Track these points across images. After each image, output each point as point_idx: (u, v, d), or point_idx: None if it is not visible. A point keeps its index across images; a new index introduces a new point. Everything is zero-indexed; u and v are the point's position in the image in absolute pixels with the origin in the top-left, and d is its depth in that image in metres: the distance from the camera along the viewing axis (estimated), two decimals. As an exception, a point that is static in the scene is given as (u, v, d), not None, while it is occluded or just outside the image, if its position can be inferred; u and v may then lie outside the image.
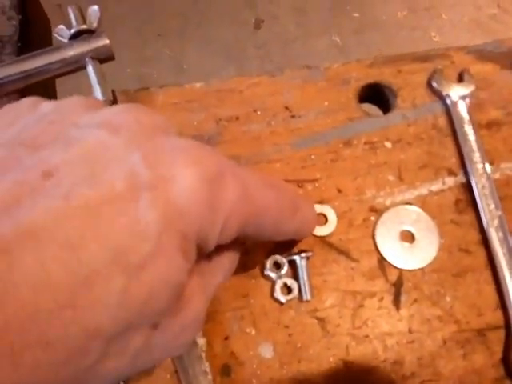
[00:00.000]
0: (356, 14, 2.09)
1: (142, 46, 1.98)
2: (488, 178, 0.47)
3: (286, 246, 0.44)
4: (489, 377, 0.43)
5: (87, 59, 0.48)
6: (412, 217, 0.47)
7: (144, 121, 0.28)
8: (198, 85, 0.51)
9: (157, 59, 1.97)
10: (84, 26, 0.49)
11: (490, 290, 0.45)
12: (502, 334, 0.43)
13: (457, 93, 0.51)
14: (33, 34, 0.60)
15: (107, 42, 0.48)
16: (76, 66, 0.49)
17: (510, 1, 2.08)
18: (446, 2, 2.09)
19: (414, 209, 0.47)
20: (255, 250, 0.45)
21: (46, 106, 0.31)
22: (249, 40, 2.01)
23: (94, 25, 0.49)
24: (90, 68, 0.48)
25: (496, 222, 0.46)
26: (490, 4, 2.09)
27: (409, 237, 0.46)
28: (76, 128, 0.28)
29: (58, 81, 0.56)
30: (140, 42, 1.99)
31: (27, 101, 0.32)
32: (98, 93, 0.47)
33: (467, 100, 0.50)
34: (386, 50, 1.97)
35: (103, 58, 0.49)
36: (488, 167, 0.48)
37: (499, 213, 0.46)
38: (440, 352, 0.43)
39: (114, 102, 0.48)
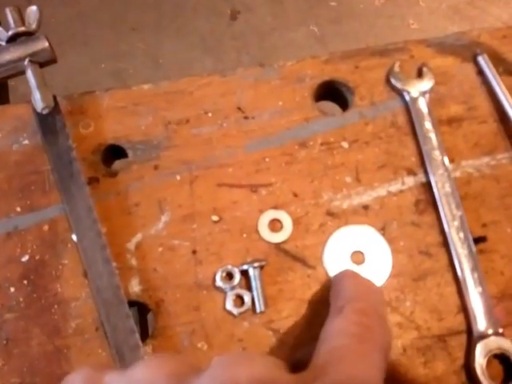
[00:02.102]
0: (333, 3, 2.06)
1: (116, 41, 1.94)
2: (448, 176, 0.46)
3: None
4: (450, 384, 0.41)
5: (26, 63, 0.46)
6: (364, 238, 0.45)
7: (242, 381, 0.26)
8: (145, 86, 0.48)
9: (132, 54, 1.93)
10: (22, 28, 0.46)
11: (451, 292, 0.43)
12: (463, 339, 0.42)
13: (416, 89, 0.49)
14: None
15: (46, 44, 0.46)
16: (15, 71, 0.46)
17: (488, -14, 2.06)
18: (424, -12, 2.07)
19: (367, 229, 0.45)
20: (207, 259, 0.43)
21: None
22: (225, 32, 1.98)
23: (33, 26, 0.47)
24: (29, 72, 0.45)
25: (457, 222, 0.44)
26: (467, -10, 2.08)
27: (360, 258, 0.44)
28: None
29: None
30: (114, 36, 1.95)
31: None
32: (37, 98, 0.45)
33: (427, 96, 0.48)
34: (364, 38, 1.95)
35: (43, 61, 0.46)
36: (449, 165, 0.46)
37: (460, 213, 0.45)
38: (400, 360, 0.41)
39: (56, 107, 0.46)
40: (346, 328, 0.33)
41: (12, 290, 0.43)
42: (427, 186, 0.46)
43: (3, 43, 0.46)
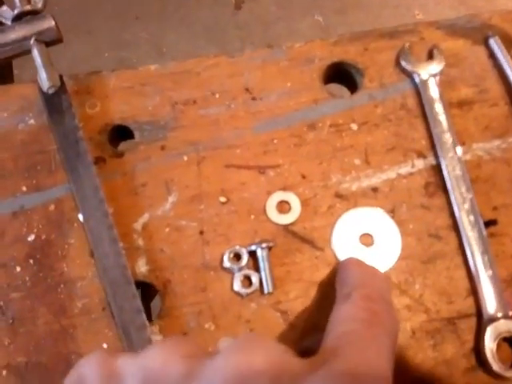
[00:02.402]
0: (338, -7, 2.05)
1: (119, 30, 1.93)
2: (459, 159, 0.45)
3: None
4: (460, 367, 0.41)
5: (32, 42, 0.45)
6: (373, 220, 0.44)
7: (259, 370, 0.25)
8: (152, 67, 0.48)
9: (136, 43, 1.92)
10: (28, 7, 0.46)
11: (460, 276, 0.43)
12: (473, 321, 0.42)
13: (426, 71, 0.48)
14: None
15: (53, 23, 0.45)
16: (21, 50, 0.46)
17: (494, -23, 2.04)
18: (430, -22, 2.05)
19: (377, 211, 0.45)
20: (214, 240, 0.43)
21: (129, 376, 0.27)
22: (229, 21, 1.97)
23: (39, 5, 0.46)
24: (35, 52, 0.45)
25: (467, 205, 0.44)
26: (474, -20, 2.06)
27: (369, 240, 0.44)
28: None
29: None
30: (118, 25, 1.94)
31: (94, 369, 0.27)
32: (43, 77, 0.44)
33: (437, 78, 0.48)
34: (369, 28, 1.94)
35: (49, 40, 0.46)
36: (459, 148, 0.45)
37: (470, 195, 0.44)
38: (409, 343, 0.41)
39: (62, 87, 0.45)
40: (354, 314, 0.32)
41: (18, 269, 0.42)
42: (437, 169, 0.45)
43: (9, 22, 0.45)
